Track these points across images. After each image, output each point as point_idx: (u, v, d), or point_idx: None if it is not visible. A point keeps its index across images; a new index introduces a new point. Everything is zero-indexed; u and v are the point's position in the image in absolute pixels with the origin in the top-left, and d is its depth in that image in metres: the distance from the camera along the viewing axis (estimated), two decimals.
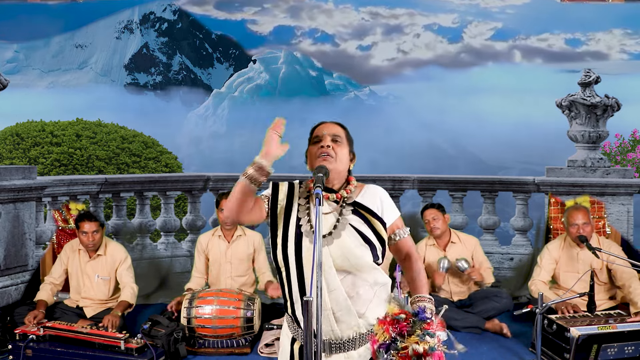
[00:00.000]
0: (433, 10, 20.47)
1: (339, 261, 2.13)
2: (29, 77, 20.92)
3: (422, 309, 2.04)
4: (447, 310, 5.04)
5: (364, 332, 2.16)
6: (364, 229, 2.17)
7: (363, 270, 2.15)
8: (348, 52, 21.25)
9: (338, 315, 2.13)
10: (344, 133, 2.26)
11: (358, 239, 2.16)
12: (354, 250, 2.13)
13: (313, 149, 2.22)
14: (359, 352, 2.17)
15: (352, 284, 2.14)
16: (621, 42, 19.25)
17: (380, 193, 2.26)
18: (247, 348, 4.37)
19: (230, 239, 4.91)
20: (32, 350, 4.00)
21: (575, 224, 4.46)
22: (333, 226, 2.16)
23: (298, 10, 21.22)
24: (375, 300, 2.19)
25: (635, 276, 4.41)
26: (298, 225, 2.16)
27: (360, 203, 2.21)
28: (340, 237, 2.14)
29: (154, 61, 22.35)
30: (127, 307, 4.48)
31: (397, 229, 2.28)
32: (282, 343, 2.31)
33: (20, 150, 10.24)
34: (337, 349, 2.16)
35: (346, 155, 2.23)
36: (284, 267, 2.19)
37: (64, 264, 4.65)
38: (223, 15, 21.77)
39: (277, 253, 2.19)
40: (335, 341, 2.16)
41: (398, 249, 2.31)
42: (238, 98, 21.19)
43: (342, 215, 2.17)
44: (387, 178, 6.53)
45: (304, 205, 2.20)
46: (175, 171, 10.95)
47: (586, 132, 5.85)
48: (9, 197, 5.07)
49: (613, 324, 3.99)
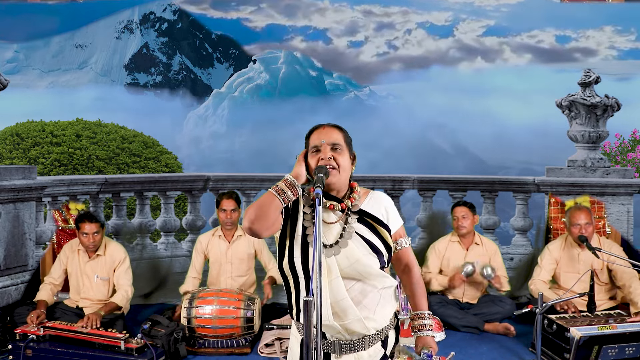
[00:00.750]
0: (427, 9, 20.49)
1: (347, 270, 2.12)
2: (29, 77, 20.91)
3: (429, 355, 2.11)
4: (447, 309, 5.05)
5: (373, 333, 2.17)
6: (371, 237, 2.17)
7: (371, 278, 2.15)
8: (342, 49, 21.23)
9: (346, 323, 2.13)
10: (342, 137, 2.20)
11: (366, 247, 2.15)
12: (362, 260, 2.12)
13: (312, 160, 2.16)
14: (368, 352, 2.17)
15: (361, 291, 2.14)
16: (610, 39, 19.27)
17: (385, 201, 2.25)
18: (247, 348, 4.37)
19: (230, 239, 4.91)
20: (32, 350, 4.00)
21: (577, 224, 4.46)
22: (339, 235, 2.14)
23: (294, 8, 21.23)
24: (382, 302, 2.19)
25: (635, 276, 4.41)
26: (304, 234, 2.14)
27: (366, 211, 2.20)
28: (347, 247, 2.12)
29: (154, 61, 22.35)
30: (115, 309, 4.43)
31: (400, 238, 2.28)
32: (291, 345, 2.30)
33: (20, 150, 10.24)
34: (347, 350, 2.16)
35: (348, 162, 2.19)
36: (291, 276, 2.17)
37: (63, 264, 4.64)
38: (219, 14, 21.80)
39: (283, 262, 2.17)
40: (345, 342, 2.16)
41: (398, 258, 2.31)
42: (238, 98, 21.18)
43: (348, 223, 2.16)
44: (387, 178, 6.53)
45: (309, 214, 2.17)
46: (175, 171, 10.94)
47: (586, 132, 5.85)
48: (9, 197, 5.07)
49: (613, 324, 3.99)
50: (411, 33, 20.84)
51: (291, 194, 2.06)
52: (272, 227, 2.08)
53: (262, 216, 2.03)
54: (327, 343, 2.17)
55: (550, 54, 19.72)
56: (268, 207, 2.04)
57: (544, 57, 19.71)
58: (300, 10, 21.24)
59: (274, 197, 2.04)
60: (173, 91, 21.72)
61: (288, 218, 2.17)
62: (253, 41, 21.55)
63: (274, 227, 2.09)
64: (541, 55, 19.77)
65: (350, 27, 21.16)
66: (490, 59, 20.22)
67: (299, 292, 2.15)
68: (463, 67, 20.28)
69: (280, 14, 21.32)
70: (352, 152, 2.24)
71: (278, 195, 2.04)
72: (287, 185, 2.06)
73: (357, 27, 21.15)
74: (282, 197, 2.04)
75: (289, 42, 21.36)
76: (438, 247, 5.11)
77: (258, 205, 2.05)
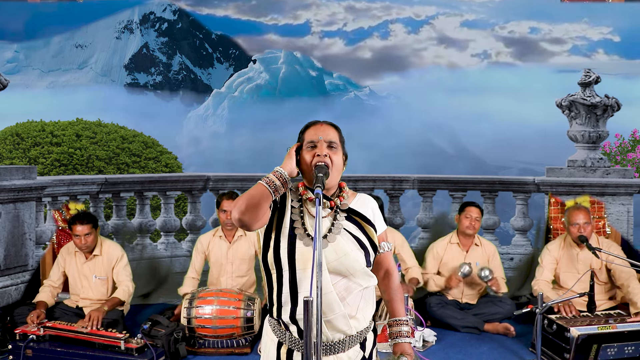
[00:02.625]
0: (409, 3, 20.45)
1: (334, 264, 2.11)
2: (29, 77, 20.90)
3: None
4: (447, 310, 5.06)
5: (354, 334, 2.15)
6: (359, 234, 2.18)
7: (356, 275, 2.15)
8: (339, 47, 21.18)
9: (330, 319, 2.11)
10: (337, 136, 2.20)
11: (354, 243, 2.16)
12: (350, 254, 2.13)
13: (307, 155, 2.15)
14: (348, 354, 2.15)
15: (346, 288, 2.13)
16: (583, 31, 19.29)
17: (372, 203, 2.27)
18: (247, 348, 4.37)
19: (231, 240, 4.91)
20: (32, 350, 4.00)
21: (576, 223, 4.47)
22: (328, 229, 2.15)
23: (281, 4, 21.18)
24: (362, 302, 2.18)
25: (634, 276, 4.41)
26: (292, 227, 2.13)
27: (354, 210, 2.21)
28: (335, 241, 2.13)
29: (154, 61, 22.33)
30: (118, 303, 4.45)
31: (382, 242, 2.28)
32: (266, 347, 2.25)
33: (20, 150, 10.24)
34: (327, 352, 2.14)
35: (341, 161, 2.19)
36: (274, 270, 2.15)
37: (61, 267, 4.65)
38: (206, 10, 21.82)
39: (267, 255, 2.16)
40: (325, 343, 2.13)
41: (379, 262, 2.31)
42: (238, 98, 21.17)
43: (337, 220, 2.16)
44: (387, 178, 6.53)
45: (297, 208, 2.17)
46: (175, 171, 10.94)
47: (586, 132, 5.85)
48: (9, 197, 5.07)
49: (613, 324, 4.00)
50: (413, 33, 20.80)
51: (281, 186, 2.05)
52: (261, 219, 2.06)
53: (252, 207, 2.00)
54: None
55: (520, 43, 19.71)
56: (259, 198, 2.01)
57: (554, 59, 19.65)
58: (288, 5, 21.18)
59: (264, 188, 2.02)
60: (173, 91, 21.70)
61: (275, 211, 2.15)
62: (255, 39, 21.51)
63: (263, 219, 2.07)
64: (552, 58, 19.71)
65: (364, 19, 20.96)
66: (501, 62, 20.13)
67: (282, 287, 2.13)
68: (469, 69, 20.23)
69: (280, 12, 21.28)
70: (345, 152, 2.24)
71: (269, 187, 2.02)
72: (277, 177, 2.05)
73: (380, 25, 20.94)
74: (272, 190, 2.02)
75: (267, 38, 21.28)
76: (437, 249, 5.10)
77: (249, 196, 2.01)
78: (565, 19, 18.98)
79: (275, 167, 2.10)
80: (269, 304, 2.21)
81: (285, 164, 2.11)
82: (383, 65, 20.86)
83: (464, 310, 4.87)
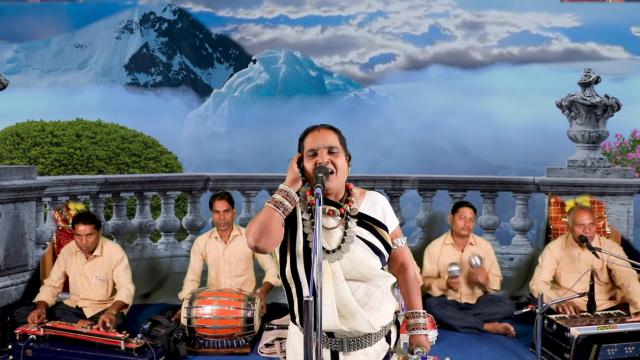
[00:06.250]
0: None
1: (351, 273, 2.13)
2: (29, 77, 20.90)
3: (424, 357, 2.16)
4: (446, 310, 5.05)
5: (378, 330, 2.19)
6: (372, 238, 2.18)
7: (375, 279, 2.17)
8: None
9: (354, 325, 2.14)
10: (337, 139, 2.17)
11: (368, 249, 2.16)
12: (365, 262, 2.13)
13: (309, 164, 2.11)
14: (375, 347, 2.19)
15: (366, 292, 2.16)
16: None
17: (382, 201, 2.25)
18: (247, 348, 4.37)
19: (227, 240, 4.92)
20: (32, 350, 4.00)
21: (581, 224, 4.46)
22: (341, 240, 2.13)
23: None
24: (384, 299, 2.21)
25: (634, 276, 4.41)
26: (306, 241, 2.13)
27: (365, 214, 2.19)
28: (349, 251, 2.12)
29: (154, 61, 22.34)
30: (122, 307, 4.45)
31: (395, 238, 2.29)
32: (293, 346, 2.26)
33: (20, 150, 10.24)
34: (355, 347, 2.17)
35: (345, 164, 2.16)
36: (293, 284, 2.16)
37: (62, 267, 4.65)
38: (220, 13, 21.77)
39: (285, 271, 2.16)
40: (352, 339, 2.17)
41: (394, 257, 2.32)
42: (238, 98, 21.17)
43: (349, 227, 2.15)
44: (387, 178, 6.53)
45: (308, 220, 2.15)
46: (175, 171, 10.94)
47: (586, 132, 5.85)
48: (9, 197, 5.07)
49: (613, 324, 3.99)
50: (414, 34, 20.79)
51: (289, 204, 2.04)
52: (276, 240, 2.06)
53: (265, 233, 2.00)
54: (334, 342, 2.17)
55: (570, 57, 19.64)
56: (270, 223, 2.01)
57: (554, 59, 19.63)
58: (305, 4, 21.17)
59: (274, 211, 2.01)
60: (173, 91, 21.70)
61: (288, 227, 2.14)
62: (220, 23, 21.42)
63: (277, 240, 2.07)
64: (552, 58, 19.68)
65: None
66: (502, 62, 20.09)
67: (302, 299, 2.12)
68: (469, 68, 20.20)
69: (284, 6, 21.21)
70: (347, 153, 2.21)
71: (277, 208, 2.02)
72: (284, 197, 2.03)
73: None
74: (281, 210, 2.02)
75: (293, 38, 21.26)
76: (432, 251, 5.08)
77: (260, 223, 2.01)
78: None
79: (279, 185, 2.08)
80: (291, 315, 2.23)
81: (288, 179, 2.09)
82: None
83: (463, 311, 4.87)
